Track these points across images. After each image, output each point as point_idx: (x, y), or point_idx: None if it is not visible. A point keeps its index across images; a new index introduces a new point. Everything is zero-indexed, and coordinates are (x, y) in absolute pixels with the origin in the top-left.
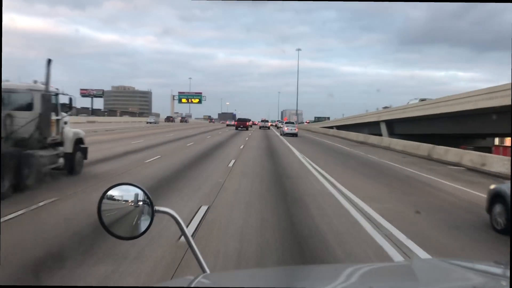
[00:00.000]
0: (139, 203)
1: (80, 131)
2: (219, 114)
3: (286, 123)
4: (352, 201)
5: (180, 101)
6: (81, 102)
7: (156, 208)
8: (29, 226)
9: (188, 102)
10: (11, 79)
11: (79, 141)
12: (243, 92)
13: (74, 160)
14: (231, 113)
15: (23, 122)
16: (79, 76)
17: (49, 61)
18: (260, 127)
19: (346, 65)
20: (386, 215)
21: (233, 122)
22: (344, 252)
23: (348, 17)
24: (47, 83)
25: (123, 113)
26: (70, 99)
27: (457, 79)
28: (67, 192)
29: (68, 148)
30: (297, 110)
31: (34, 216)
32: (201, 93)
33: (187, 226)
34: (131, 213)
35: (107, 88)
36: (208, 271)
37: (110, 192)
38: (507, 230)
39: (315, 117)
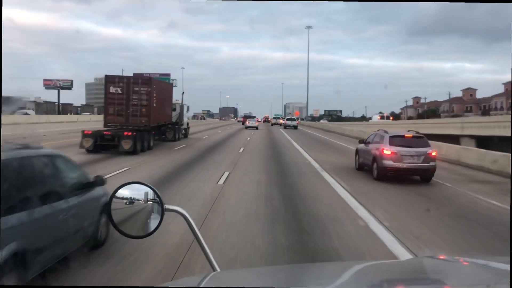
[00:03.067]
0: (149, 202)
1: (188, 120)
2: (219, 109)
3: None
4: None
5: None
6: (45, 96)
7: (166, 206)
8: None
9: None
10: (15, 75)
11: (187, 124)
12: (246, 86)
13: (187, 132)
14: (233, 107)
15: (173, 115)
16: (82, 71)
17: (183, 93)
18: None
19: (351, 58)
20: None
21: (242, 119)
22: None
23: (356, 8)
24: (182, 100)
25: (101, 109)
26: (188, 106)
27: (464, 70)
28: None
29: (185, 126)
30: (307, 103)
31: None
32: (168, 74)
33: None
34: (141, 212)
35: (90, 80)
36: (218, 269)
37: (120, 191)
38: (359, 168)
39: (325, 111)
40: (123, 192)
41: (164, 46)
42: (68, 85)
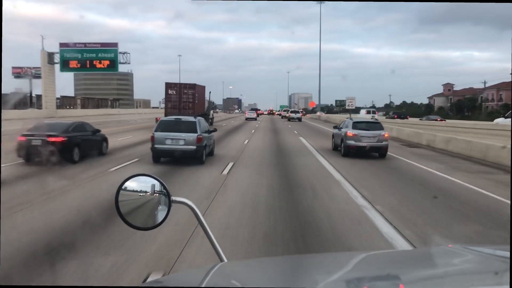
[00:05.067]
0: (155, 194)
1: (212, 112)
2: (223, 100)
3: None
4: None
5: (64, 66)
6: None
7: (173, 198)
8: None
9: (85, 67)
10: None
11: (212, 114)
12: (251, 77)
13: (212, 121)
14: (237, 99)
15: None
16: None
17: (210, 92)
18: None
19: (359, 47)
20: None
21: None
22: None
23: None
24: (209, 97)
25: (86, 102)
26: (213, 102)
27: (472, 59)
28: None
29: (211, 116)
30: (319, 92)
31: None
32: (116, 44)
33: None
34: (148, 204)
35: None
36: (225, 260)
37: (128, 183)
38: (334, 149)
39: (336, 101)
40: (130, 184)
41: (170, 37)
42: (40, 74)
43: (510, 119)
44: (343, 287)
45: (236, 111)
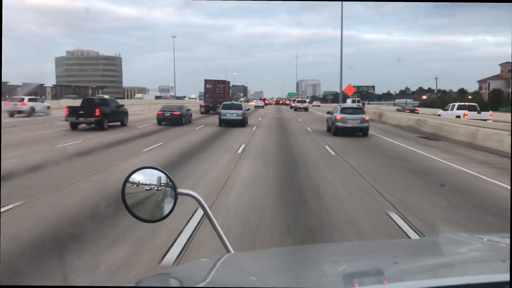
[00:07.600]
0: (162, 186)
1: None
2: None
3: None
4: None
5: None
6: None
7: (179, 190)
8: None
9: None
10: (29, 58)
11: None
12: (258, 64)
13: None
14: (242, 86)
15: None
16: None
17: (232, 85)
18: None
19: (369, 33)
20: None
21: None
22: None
23: None
24: (234, 91)
25: (59, 90)
26: (234, 93)
27: (485, 44)
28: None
29: None
30: (341, 78)
31: None
32: None
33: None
34: (154, 196)
35: (62, 54)
36: (232, 251)
37: (134, 176)
38: (328, 130)
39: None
40: (137, 177)
41: (179, 25)
42: None
43: (449, 111)
44: (349, 277)
45: (242, 99)
